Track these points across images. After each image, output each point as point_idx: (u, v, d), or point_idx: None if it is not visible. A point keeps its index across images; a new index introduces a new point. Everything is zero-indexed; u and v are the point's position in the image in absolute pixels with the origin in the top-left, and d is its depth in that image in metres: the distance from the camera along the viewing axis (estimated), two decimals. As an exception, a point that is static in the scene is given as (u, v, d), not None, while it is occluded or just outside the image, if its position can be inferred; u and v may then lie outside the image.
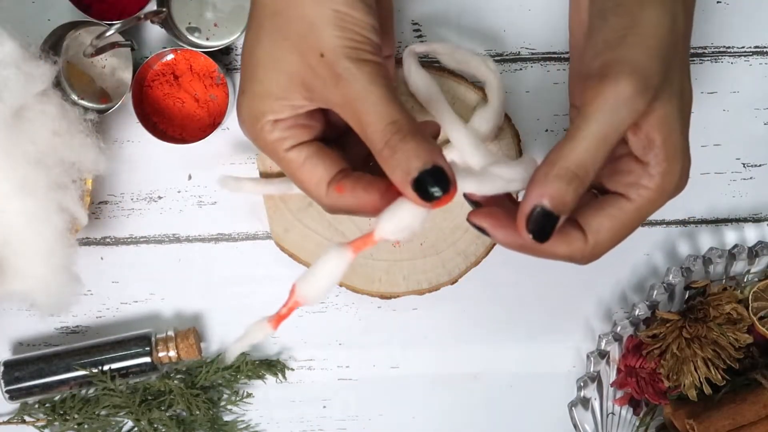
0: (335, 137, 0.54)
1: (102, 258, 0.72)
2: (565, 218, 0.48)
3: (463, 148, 0.62)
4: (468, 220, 0.50)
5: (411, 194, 0.46)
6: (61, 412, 0.71)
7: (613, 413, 0.70)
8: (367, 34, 0.48)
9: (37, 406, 0.71)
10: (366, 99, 0.47)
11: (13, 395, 0.70)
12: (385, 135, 0.46)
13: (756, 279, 0.69)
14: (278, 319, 0.49)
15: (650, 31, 0.48)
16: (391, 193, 0.48)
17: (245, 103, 0.51)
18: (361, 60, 0.47)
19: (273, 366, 0.72)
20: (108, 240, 0.71)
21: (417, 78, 0.64)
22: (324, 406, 0.73)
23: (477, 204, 0.51)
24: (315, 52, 0.48)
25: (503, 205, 0.51)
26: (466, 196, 0.50)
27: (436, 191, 0.46)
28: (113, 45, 0.65)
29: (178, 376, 0.72)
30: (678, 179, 0.50)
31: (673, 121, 0.49)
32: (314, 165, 0.50)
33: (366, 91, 0.47)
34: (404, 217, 0.47)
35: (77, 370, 0.69)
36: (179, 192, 0.71)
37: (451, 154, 0.65)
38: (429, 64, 0.68)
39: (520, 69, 0.70)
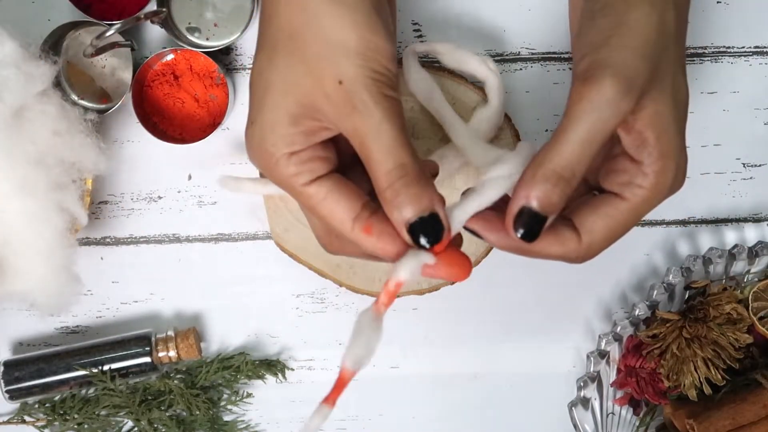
0: (343, 166, 0.52)
1: (102, 258, 0.72)
2: (553, 219, 0.48)
3: (464, 147, 0.62)
4: (463, 226, 0.51)
5: (406, 237, 0.47)
6: (61, 412, 0.71)
7: (613, 413, 0.70)
8: (388, 65, 0.47)
9: (37, 406, 0.71)
10: (378, 138, 0.46)
11: (13, 395, 0.70)
12: (390, 177, 0.46)
13: (756, 279, 0.69)
14: (333, 397, 0.47)
15: (635, 32, 0.48)
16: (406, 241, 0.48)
17: (256, 133, 0.49)
18: (380, 95, 0.46)
19: (273, 366, 0.72)
20: (108, 240, 0.71)
21: (417, 78, 0.64)
22: (324, 406, 0.73)
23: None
24: (333, 79, 0.46)
25: (497, 206, 0.51)
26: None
27: (427, 238, 0.46)
28: (113, 45, 0.65)
29: (178, 376, 0.72)
30: (673, 177, 0.50)
31: (665, 120, 0.48)
32: (336, 201, 0.48)
33: (379, 130, 0.46)
34: (415, 264, 0.47)
35: (77, 370, 0.69)
36: (179, 192, 0.71)
37: (449, 155, 0.65)
38: (429, 64, 0.68)
39: (520, 69, 0.70)
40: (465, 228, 0.50)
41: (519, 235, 0.48)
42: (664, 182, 0.49)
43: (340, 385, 0.46)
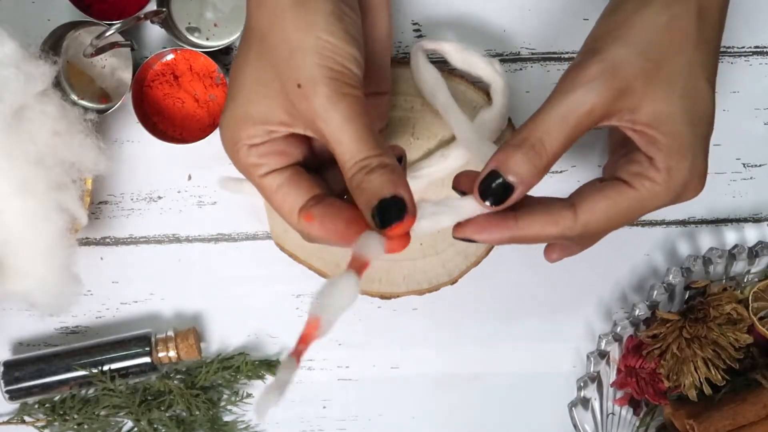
0: (319, 164, 0.54)
1: (102, 258, 0.72)
2: (524, 189, 0.49)
3: (468, 144, 0.62)
4: (454, 236, 0.52)
5: (370, 222, 0.48)
6: (61, 412, 0.71)
7: (613, 413, 0.70)
8: (348, 65, 0.48)
9: (37, 406, 0.71)
10: (340, 138, 0.48)
11: (13, 395, 0.70)
12: (353, 170, 0.48)
13: (756, 279, 0.69)
14: (299, 351, 0.48)
15: (637, 29, 0.49)
16: (358, 223, 0.49)
17: (225, 122, 0.52)
18: (339, 94, 0.48)
19: (273, 366, 0.72)
20: (108, 240, 0.71)
21: (424, 73, 0.64)
22: (324, 406, 0.73)
23: (464, 193, 0.52)
24: (293, 82, 0.48)
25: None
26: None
27: (390, 218, 0.47)
28: (113, 45, 0.65)
29: (178, 376, 0.72)
30: (686, 178, 0.50)
31: (675, 120, 0.49)
32: (286, 193, 0.51)
33: (340, 131, 0.48)
34: (370, 246, 0.47)
35: (77, 370, 0.69)
36: (179, 192, 0.71)
37: (452, 155, 0.65)
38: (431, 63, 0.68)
39: (520, 69, 0.70)
40: (457, 238, 0.51)
41: (484, 199, 0.49)
42: (676, 180, 0.50)
43: (305, 337, 0.46)
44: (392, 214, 0.47)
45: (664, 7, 0.49)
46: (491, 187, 0.49)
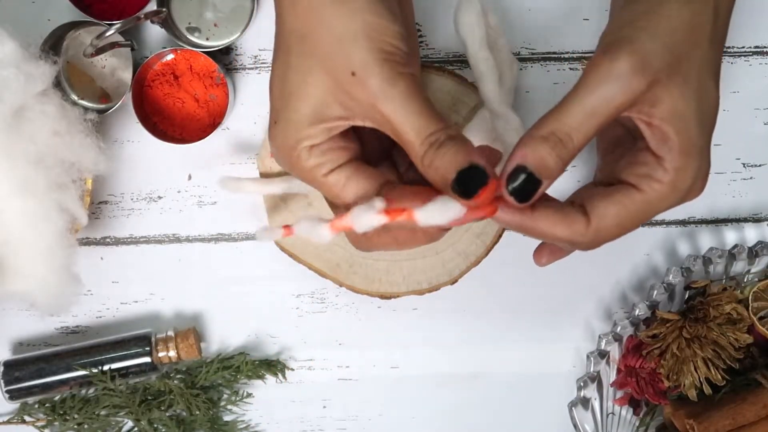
0: (373, 160, 0.53)
1: (102, 258, 0.72)
2: (549, 184, 0.48)
3: (494, 107, 0.60)
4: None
5: (454, 196, 0.47)
6: (61, 412, 0.71)
7: (613, 413, 0.70)
8: (397, 44, 0.48)
9: (37, 406, 0.71)
10: (404, 118, 0.47)
11: (13, 395, 0.70)
12: (423, 148, 0.47)
13: (756, 279, 0.69)
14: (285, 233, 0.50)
15: (663, 21, 0.48)
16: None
17: (280, 133, 0.50)
18: (396, 74, 0.47)
19: (273, 366, 0.72)
20: (108, 240, 0.71)
21: (468, 22, 0.59)
22: (324, 406, 0.73)
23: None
24: (346, 72, 0.47)
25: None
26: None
27: (467, 189, 0.46)
28: (113, 45, 0.65)
29: (178, 376, 0.72)
30: (693, 178, 0.50)
31: (688, 118, 0.48)
32: (357, 183, 0.50)
33: (402, 110, 0.47)
34: (442, 210, 0.47)
35: (77, 370, 0.69)
36: (179, 192, 0.71)
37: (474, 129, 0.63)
38: (430, 64, 0.68)
39: (520, 69, 0.70)
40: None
41: (511, 193, 0.48)
42: (684, 181, 0.49)
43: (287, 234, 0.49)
44: (475, 181, 0.46)
45: (685, 2, 0.48)
46: (517, 183, 0.47)
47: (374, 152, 0.54)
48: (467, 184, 0.46)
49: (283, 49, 0.50)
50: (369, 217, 0.47)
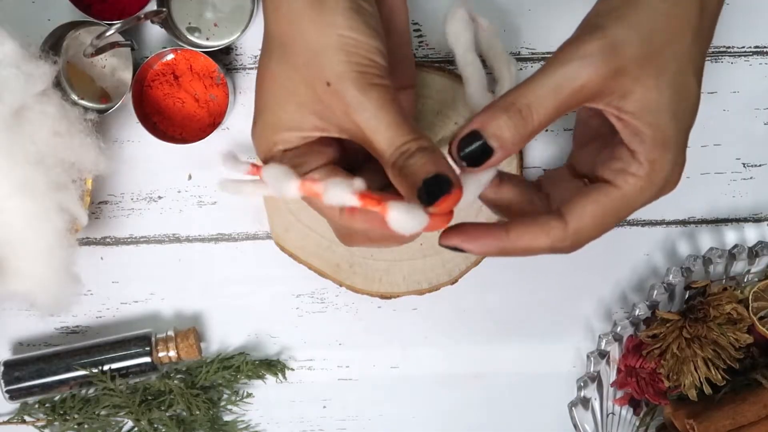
0: (353, 166, 0.53)
1: (102, 258, 0.72)
2: (503, 155, 0.48)
3: (475, 105, 0.60)
4: (440, 244, 0.51)
5: (417, 203, 0.47)
6: (61, 412, 0.71)
7: (613, 413, 0.70)
8: (374, 57, 0.48)
9: (37, 406, 0.71)
10: (376, 127, 0.47)
11: (13, 395, 0.70)
12: (393, 156, 0.47)
13: (756, 279, 0.69)
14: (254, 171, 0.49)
15: (641, 11, 0.48)
16: None
17: (257, 133, 0.51)
18: (369, 85, 0.47)
19: (273, 366, 0.72)
20: (108, 240, 0.71)
21: (457, 27, 0.58)
22: (324, 406, 0.73)
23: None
24: (322, 82, 0.48)
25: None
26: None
27: (437, 193, 0.46)
28: (113, 45, 0.65)
29: (178, 376, 0.72)
30: (669, 171, 0.49)
31: (661, 111, 0.48)
32: None
33: (375, 120, 0.47)
34: (411, 215, 0.47)
35: (77, 370, 0.69)
36: (179, 192, 0.71)
37: None
38: (430, 64, 0.68)
39: (520, 69, 0.70)
40: (443, 245, 0.51)
41: (462, 157, 0.48)
42: (659, 174, 0.49)
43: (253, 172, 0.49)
44: (439, 189, 0.46)
45: None
46: (470, 148, 0.48)
47: (357, 159, 0.54)
48: (432, 191, 0.46)
49: (266, 52, 0.51)
50: (342, 193, 0.47)
